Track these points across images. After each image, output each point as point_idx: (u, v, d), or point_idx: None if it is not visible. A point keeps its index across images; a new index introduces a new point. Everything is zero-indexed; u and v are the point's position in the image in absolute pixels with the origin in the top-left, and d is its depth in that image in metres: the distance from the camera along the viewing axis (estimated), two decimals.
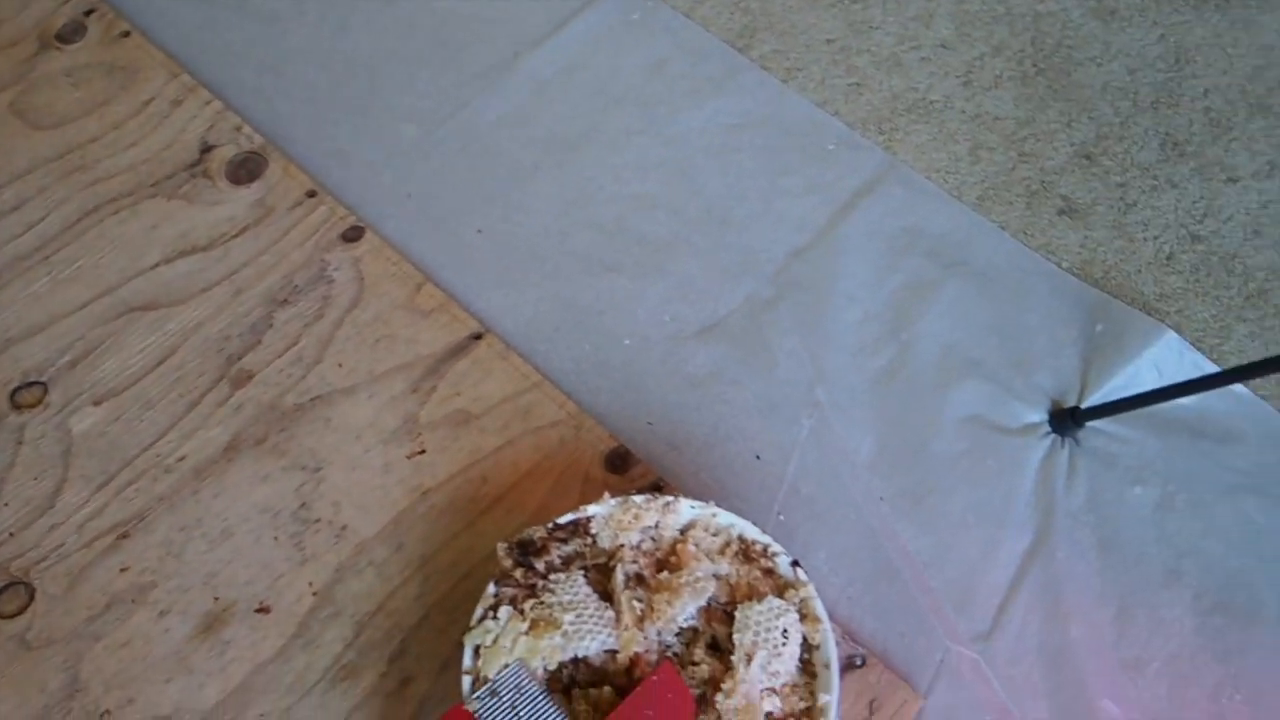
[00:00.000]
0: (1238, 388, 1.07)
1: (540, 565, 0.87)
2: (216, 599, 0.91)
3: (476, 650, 0.84)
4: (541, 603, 0.84)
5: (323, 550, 0.93)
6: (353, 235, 1.07)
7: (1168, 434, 1.05)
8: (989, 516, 1.01)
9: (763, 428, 1.03)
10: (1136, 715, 0.93)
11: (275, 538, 0.94)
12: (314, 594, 0.92)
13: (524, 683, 0.82)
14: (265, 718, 0.87)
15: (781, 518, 0.98)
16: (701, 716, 0.84)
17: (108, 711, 0.86)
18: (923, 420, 1.05)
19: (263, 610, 0.91)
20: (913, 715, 0.91)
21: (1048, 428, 1.06)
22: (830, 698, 0.84)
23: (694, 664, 0.85)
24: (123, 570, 0.92)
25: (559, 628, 0.83)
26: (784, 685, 0.85)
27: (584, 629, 0.83)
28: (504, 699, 0.81)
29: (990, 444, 1.04)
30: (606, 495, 0.89)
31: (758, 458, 1.01)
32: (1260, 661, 0.96)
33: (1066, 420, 1.05)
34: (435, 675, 0.89)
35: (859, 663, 0.91)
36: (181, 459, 0.97)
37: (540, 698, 0.81)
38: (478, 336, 1.03)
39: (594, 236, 1.11)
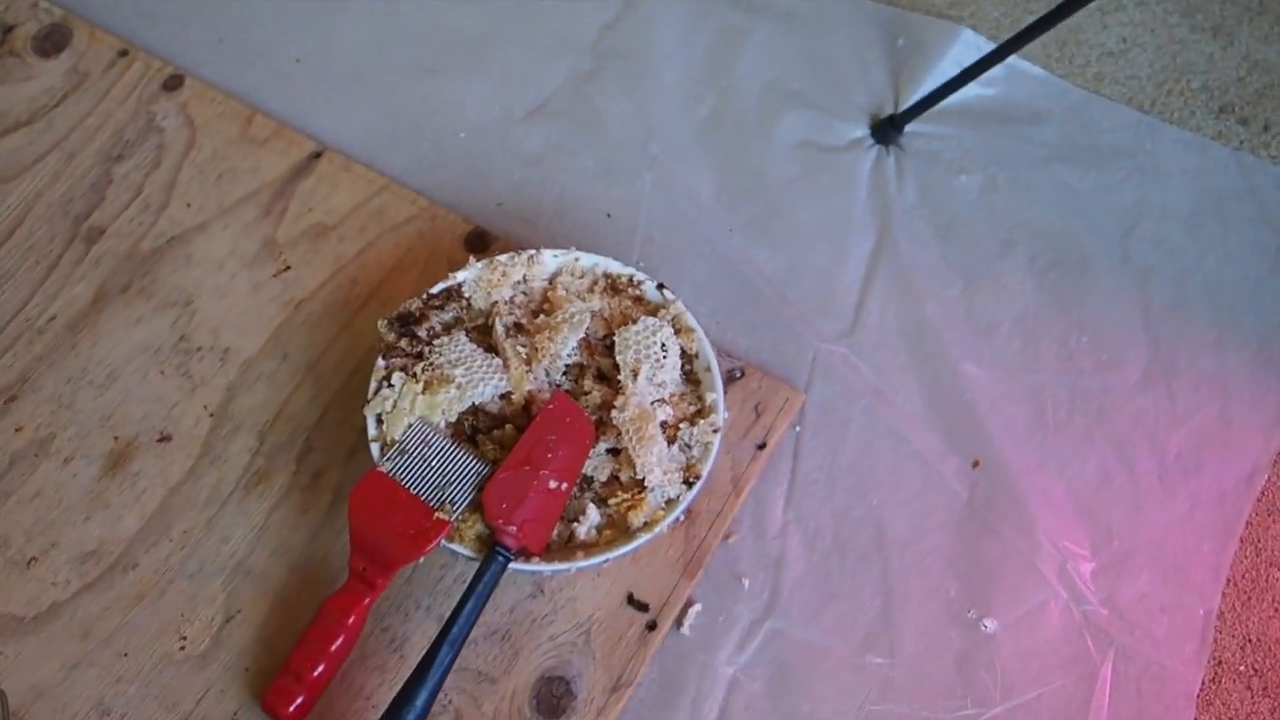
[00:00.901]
0: (1036, 70, 1.15)
1: (422, 333, 0.91)
2: (117, 438, 0.93)
3: (379, 419, 0.88)
4: (431, 364, 0.88)
5: (210, 374, 0.96)
6: (173, 84, 1.08)
7: (981, 125, 1.12)
8: (832, 227, 1.07)
9: (607, 188, 1.08)
10: (996, 371, 1.00)
11: (161, 372, 0.96)
12: (210, 415, 0.94)
13: (429, 436, 0.86)
14: (189, 533, 0.90)
15: (641, 265, 1.03)
16: (602, 437, 0.89)
17: (34, 559, 0.89)
18: (755, 154, 1.10)
19: (164, 439, 0.93)
20: (796, 411, 0.97)
21: (871, 140, 1.12)
22: (716, 395, 0.90)
23: (585, 394, 0.90)
24: (18, 430, 0.93)
25: (452, 382, 0.87)
26: (672, 395, 0.90)
27: (476, 378, 0.88)
28: (413, 454, 0.85)
29: (821, 163, 1.10)
30: (472, 260, 0.93)
31: (608, 216, 1.06)
32: (1098, 303, 1.04)
33: (886, 129, 1.11)
34: (344, 463, 0.93)
35: (738, 375, 0.97)
36: (52, 319, 0.98)
37: (447, 445, 0.86)
38: (317, 155, 1.06)
39: (411, 46, 1.14)
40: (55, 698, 0.83)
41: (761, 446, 0.95)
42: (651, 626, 0.88)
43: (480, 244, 1.01)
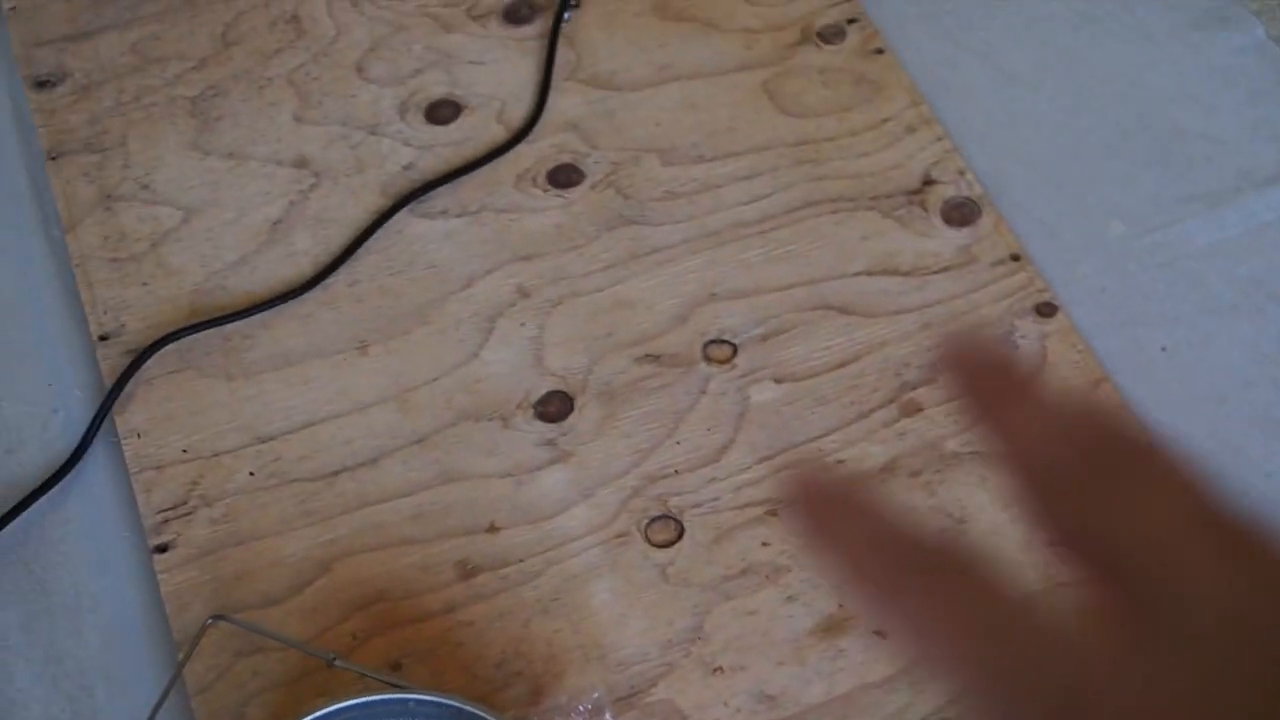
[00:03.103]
0: None
1: None
2: (840, 606, 0.93)
3: None
4: None
5: None
6: (1046, 311, 1.07)
7: None
8: None
9: None
10: None
11: None
12: None
13: None
14: None
15: None
16: None
17: (720, 669, 0.90)
18: None
19: (880, 634, 0.92)
20: None
21: None
22: None
23: None
24: (764, 545, 0.96)
25: None
26: None
27: None
28: None
29: None
30: None
31: None
32: None
33: None
34: None
35: None
36: (840, 462, 1.00)
37: None
38: None
39: None
40: None
41: None
42: None
43: None
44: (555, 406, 1.01)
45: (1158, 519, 0.36)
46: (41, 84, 1.13)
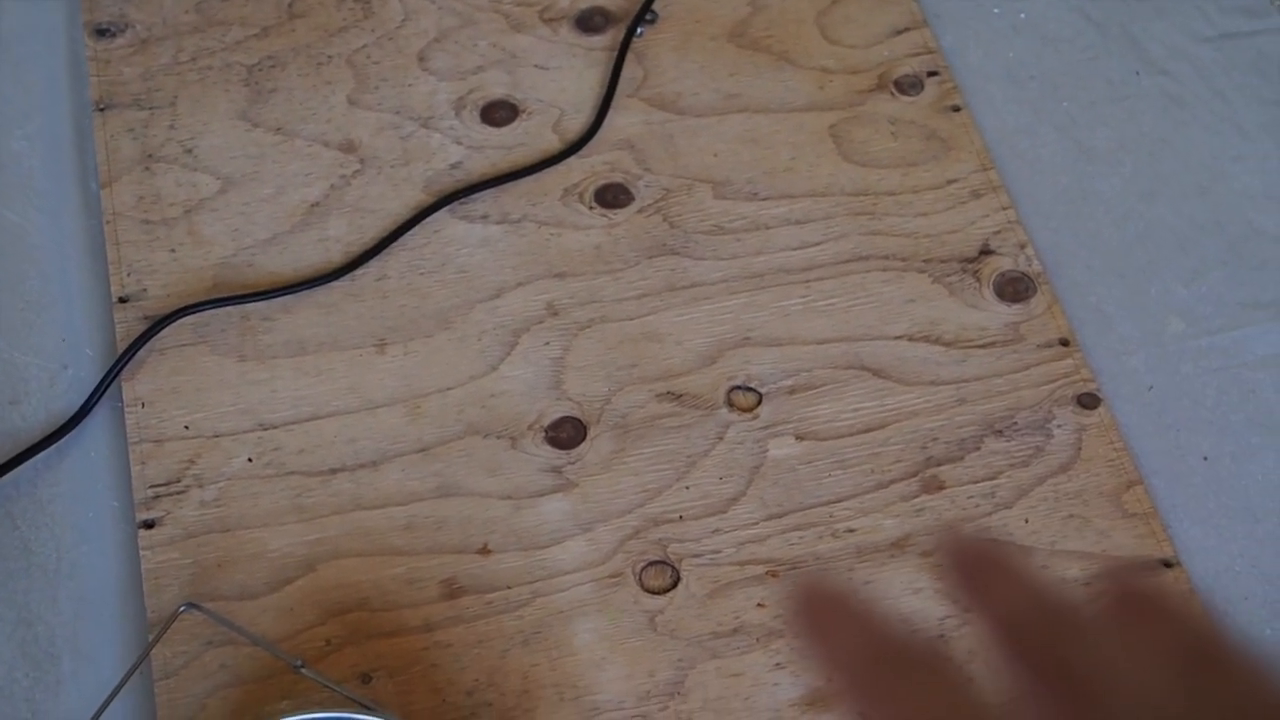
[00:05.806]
0: None
1: None
2: (829, 680, 0.90)
3: None
4: None
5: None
6: (1088, 403, 1.03)
7: None
8: None
9: None
10: None
11: None
12: None
13: None
14: None
15: None
16: None
17: None
18: None
19: (863, 717, 0.89)
20: None
21: None
22: None
23: None
24: (759, 606, 0.92)
25: None
26: None
27: None
28: None
29: None
30: None
31: None
32: None
33: None
34: None
35: None
36: (850, 531, 0.96)
37: None
38: (1168, 564, 0.97)
39: None
40: None
41: None
42: None
43: None
44: (567, 433, 0.98)
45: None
46: (101, 32, 1.12)
